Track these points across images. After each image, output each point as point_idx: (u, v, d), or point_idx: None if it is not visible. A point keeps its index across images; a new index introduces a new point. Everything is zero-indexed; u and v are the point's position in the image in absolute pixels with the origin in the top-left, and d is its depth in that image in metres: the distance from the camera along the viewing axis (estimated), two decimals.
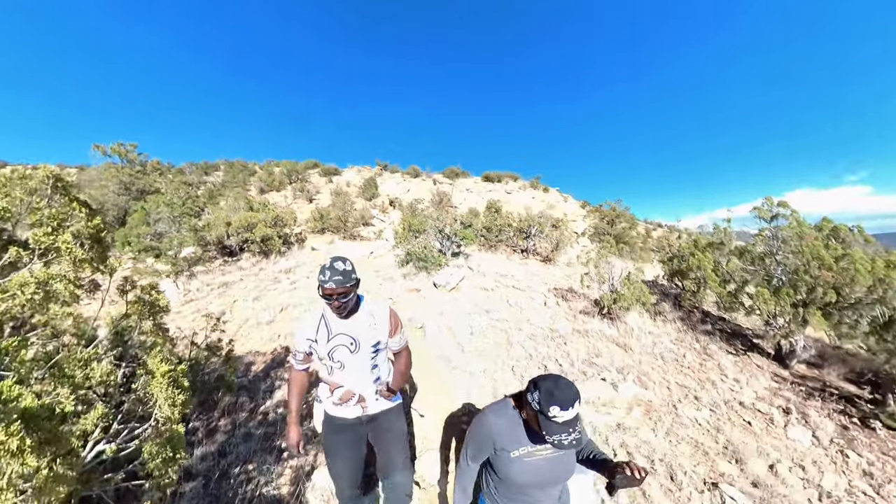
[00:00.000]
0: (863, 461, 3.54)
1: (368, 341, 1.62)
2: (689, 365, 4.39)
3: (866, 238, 4.75)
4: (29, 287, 1.08)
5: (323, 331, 1.60)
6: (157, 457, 1.20)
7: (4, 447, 0.71)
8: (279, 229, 10.15)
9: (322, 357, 1.61)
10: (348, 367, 1.61)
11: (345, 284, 1.49)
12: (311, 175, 22.81)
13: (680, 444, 3.07)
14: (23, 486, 0.76)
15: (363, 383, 1.65)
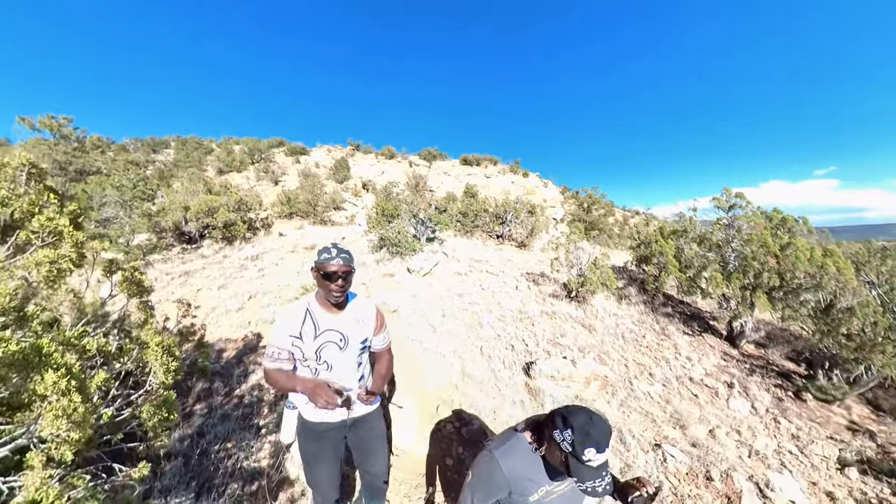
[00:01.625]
0: (792, 427, 4.16)
1: (357, 338, 1.58)
2: (647, 344, 4.88)
3: (810, 229, 5.38)
4: (44, 266, 1.18)
5: (309, 327, 1.50)
6: (155, 417, 1.36)
7: (57, 386, 0.88)
8: (243, 214, 9.93)
9: (307, 357, 1.50)
10: (336, 366, 1.54)
11: (350, 263, 1.48)
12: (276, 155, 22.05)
13: (632, 413, 3.50)
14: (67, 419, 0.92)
15: (349, 384, 1.60)
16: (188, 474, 2.33)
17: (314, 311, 1.53)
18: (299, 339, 1.48)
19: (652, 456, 2.99)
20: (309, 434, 1.63)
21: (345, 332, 1.55)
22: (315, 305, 1.54)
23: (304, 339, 1.48)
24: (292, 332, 1.48)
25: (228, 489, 2.30)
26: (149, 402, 1.43)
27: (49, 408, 0.90)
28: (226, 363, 3.74)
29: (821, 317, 4.88)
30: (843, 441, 4.06)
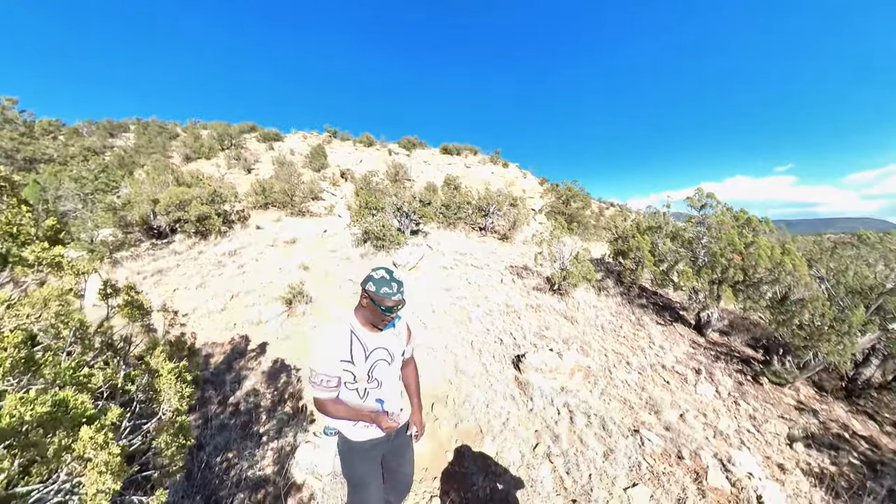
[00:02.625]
0: (750, 408, 4.62)
1: (399, 352, 1.59)
2: (624, 334, 5.23)
3: (771, 228, 5.86)
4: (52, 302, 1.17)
5: (358, 348, 1.45)
6: (171, 446, 1.38)
7: (94, 441, 0.92)
8: (217, 206, 9.54)
9: (359, 378, 1.47)
10: (385, 383, 1.54)
11: (405, 294, 1.45)
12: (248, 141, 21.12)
13: (612, 401, 3.79)
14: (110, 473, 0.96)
15: (396, 397, 1.63)
16: (192, 489, 2.36)
17: (358, 332, 1.47)
18: (350, 362, 1.44)
19: (631, 441, 3.28)
20: (357, 455, 1.59)
21: (390, 348, 1.54)
22: (358, 325, 1.49)
23: (356, 361, 1.44)
24: (343, 356, 1.43)
25: (235, 500, 2.35)
26: (165, 431, 1.45)
27: (91, 465, 0.93)
28: (215, 370, 3.71)
29: (777, 308, 5.38)
30: (791, 419, 4.56)
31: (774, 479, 3.66)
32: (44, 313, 1.18)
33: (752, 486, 3.29)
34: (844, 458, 4.14)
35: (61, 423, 0.94)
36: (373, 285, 1.40)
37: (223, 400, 3.20)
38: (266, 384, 3.45)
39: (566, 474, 2.78)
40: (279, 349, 4.13)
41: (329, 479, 2.43)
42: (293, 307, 4.94)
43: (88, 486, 0.93)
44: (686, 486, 3.16)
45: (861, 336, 4.88)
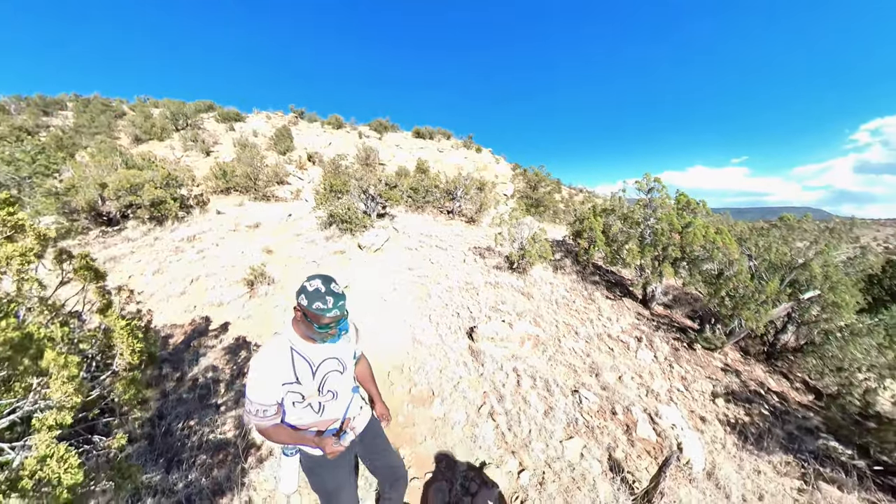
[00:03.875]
0: (682, 370, 5.19)
1: (349, 356, 1.51)
2: (576, 308, 5.66)
3: (708, 211, 6.43)
4: (15, 260, 1.24)
5: (303, 365, 1.34)
6: (128, 392, 1.51)
7: (56, 362, 1.05)
8: (173, 191, 9.16)
9: (308, 396, 1.37)
10: (340, 394, 1.47)
11: (345, 308, 1.31)
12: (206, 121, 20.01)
13: (558, 366, 4.18)
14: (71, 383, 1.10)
15: (354, 403, 1.56)
16: (154, 452, 2.49)
17: (300, 348, 1.35)
18: (296, 383, 1.32)
19: (571, 399, 3.67)
20: (324, 467, 1.52)
21: (340, 356, 1.45)
22: (298, 340, 1.35)
23: (302, 380, 1.33)
24: (285, 379, 1.31)
25: (198, 460, 2.50)
26: (120, 381, 1.58)
27: (55, 377, 1.08)
28: (174, 349, 3.76)
29: (710, 282, 5.98)
30: (717, 379, 5.18)
31: (696, 429, 4.20)
32: (8, 270, 1.27)
33: (674, 436, 3.78)
34: (756, 410, 4.78)
35: (29, 348, 1.07)
36: (305, 299, 1.25)
37: (181, 377, 3.29)
38: (225, 360, 3.56)
39: (508, 430, 3.11)
40: (240, 328, 4.21)
41: None
42: (255, 289, 4.98)
43: (53, 392, 1.07)
44: (617, 437, 3.59)
45: (776, 306, 5.55)
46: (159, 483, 2.29)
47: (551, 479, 2.88)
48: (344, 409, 1.51)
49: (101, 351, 1.60)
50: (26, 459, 1.00)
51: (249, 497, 2.28)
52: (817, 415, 4.95)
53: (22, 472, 0.95)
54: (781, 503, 3.56)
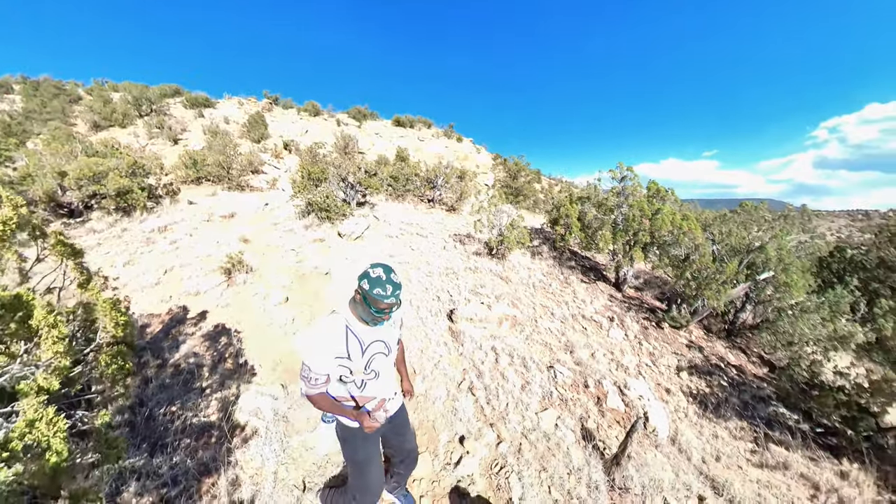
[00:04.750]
0: (650, 347, 5.53)
1: (394, 341, 1.61)
2: (552, 291, 5.90)
3: (676, 199, 6.79)
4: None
5: (354, 343, 1.45)
6: (112, 365, 1.54)
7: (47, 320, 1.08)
8: (140, 180, 8.78)
9: (355, 371, 1.48)
10: (382, 374, 1.57)
11: (400, 297, 1.42)
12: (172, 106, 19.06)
13: (534, 345, 4.39)
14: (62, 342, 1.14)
15: (391, 387, 1.66)
16: (137, 438, 2.50)
17: (354, 326, 1.46)
18: (346, 358, 1.44)
19: (546, 374, 3.89)
20: (358, 438, 1.64)
21: (387, 339, 1.55)
22: (353, 319, 1.47)
23: (353, 357, 1.45)
24: (338, 353, 1.42)
25: (182, 444, 2.54)
26: (104, 354, 1.61)
27: (45, 336, 1.11)
28: (152, 338, 3.71)
29: (677, 265, 6.36)
30: (681, 355, 5.55)
31: (661, 399, 4.53)
32: None
33: (641, 406, 4.08)
34: (716, 381, 5.18)
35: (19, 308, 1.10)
36: (367, 283, 1.36)
37: (163, 364, 3.27)
38: (206, 346, 3.55)
39: (486, 403, 3.29)
40: (220, 316, 4.18)
41: (272, 418, 2.70)
42: (233, 277, 4.93)
43: (45, 352, 1.12)
44: (589, 408, 3.85)
45: (735, 286, 5.97)
46: (143, 467, 2.32)
47: (528, 448, 3.08)
48: (383, 389, 1.60)
49: (82, 327, 1.61)
50: (15, 423, 1.04)
51: (236, 475, 2.35)
52: (770, 385, 5.41)
53: (11, 435, 0.99)
54: (736, 463, 3.91)
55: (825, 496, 3.63)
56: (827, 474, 3.85)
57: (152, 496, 2.16)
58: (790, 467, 3.93)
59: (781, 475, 3.86)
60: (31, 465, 1.00)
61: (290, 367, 3.43)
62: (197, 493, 2.20)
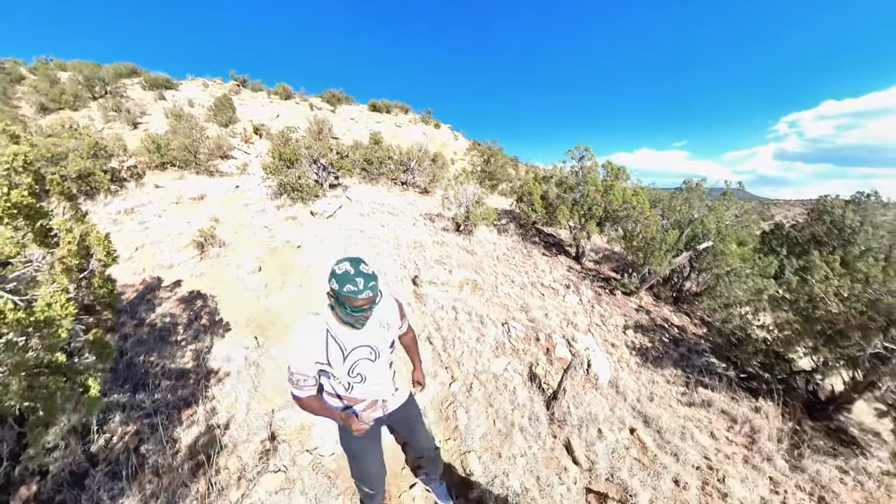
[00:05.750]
0: (602, 310, 6.13)
1: (385, 345, 1.52)
2: (515, 263, 6.41)
3: (627, 176, 7.38)
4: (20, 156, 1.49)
5: (335, 349, 1.39)
6: (103, 287, 1.83)
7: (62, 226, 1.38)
8: (102, 162, 8.63)
9: (339, 376, 1.44)
10: (370, 378, 1.51)
11: (377, 288, 1.31)
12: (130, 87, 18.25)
13: (493, 306, 4.87)
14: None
15: (384, 388, 1.60)
16: (119, 380, 2.79)
17: (335, 332, 1.40)
18: (326, 364, 1.40)
19: (501, 329, 4.37)
20: (349, 433, 1.63)
21: (373, 344, 1.47)
22: (335, 324, 1.40)
23: (333, 363, 1.40)
24: (317, 358, 1.38)
25: (162, 385, 2.84)
26: (97, 277, 1.90)
27: (63, 238, 1.41)
28: (129, 303, 3.92)
29: (627, 237, 6.99)
30: (630, 316, 6.19)
31: (606, 351, 5.12)
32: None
33: (585, 355, 4.63)
34: (658, 337, 5.84)
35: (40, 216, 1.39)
36: (335, 282, 1.26)
37: (139, 323, 3.52)
38: (182, 308, 3.81)
39: (443, 350, 3.73)
40: (194, 284, 4.42)
41: (244, 364, 3.03)
42: (206, 251, 5.13)
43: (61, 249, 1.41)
44: (538, 357, 4.36)
45: (679, 255, 6.65)
46: (127, 402, 2.63)
47: (477, 387, 3.55)
48: (373, 391, 1.55)
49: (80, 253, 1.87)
50: (37, 301, 1.33)
51: (213, 406, 2.69)
52: (705, 340, 6.14)
53: (34, 310, 1.28)
54: (668, 403, 4.54)
55: (740, 426, 4.30)
56: (743, 409, 4.52)
57: (137, 424, 2.48)
58: (713, 405, 4.59)
59: (705, 411, 4.52)
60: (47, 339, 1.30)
61: (262, 324, 3.74)
62: (178, 420, 2.53)
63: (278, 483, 2.16)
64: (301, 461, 2.33)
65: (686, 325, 6.74)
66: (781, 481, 3.51)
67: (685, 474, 3.35)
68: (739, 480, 3.41)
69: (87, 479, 2.09)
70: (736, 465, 3.66)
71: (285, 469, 2.27)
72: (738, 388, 4.87)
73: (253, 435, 2.44)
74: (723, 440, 4.07)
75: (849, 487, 3.63)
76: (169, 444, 2.33)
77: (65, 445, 2.27)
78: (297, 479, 2.21)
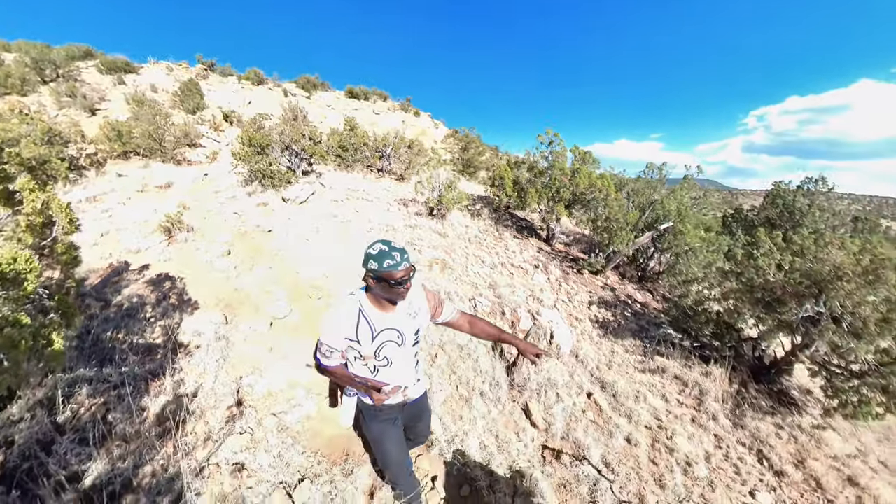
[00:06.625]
0: (568, 287, 6.45)
1: (411, 332, 1.57)
2: (486, 245, 6.64)
3: (594, 160, 7.69)
4: None
5: (365, 328, 1.46)
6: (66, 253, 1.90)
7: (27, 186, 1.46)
8: (59, 149, 8.28)
9: (366, 356, 1.51)
10: (395, 362, 1.57)
11: (411, 260, 1.41)
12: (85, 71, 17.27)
13: (463, 284, 5.08)
14: None
15: (408, 374, 1.65)
16: (84, 354, 2.84)
17: (367, 312, 1.47)
18: (356, 341, 1.47)
19: (468, 304, 4.59)
20: (375, 417, 1.71)
21: (401, 328, 1.53)
22: (367, 305, 1.48)
23: (362, 341, 1.47)
24: (347, 335, 1.46)
25: (130, 359, 2.91)
26: (60, 244, 1.96)
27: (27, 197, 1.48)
28: (94, 287, 3.92)
29: (594, 218, 7.32)
30: (595, 293, 6.53)
31: (570, 325, 5.43)
32: None
33: (549, 327, 4.91)
34: (620, 312, 6.21)
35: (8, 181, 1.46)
36: (374, 262, 1.36)
37: (106, 304, 3.54)
38: (150, 290, 3.84)
39: None
40: (162, 268, 4.43)
41: (213, 337, 3.13)
42: (174, 236, 5.11)
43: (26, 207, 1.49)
44: (503, 328, 4.61)
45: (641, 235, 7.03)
46: (94, 376, 2.70)
47: (442, 356, 3.76)
48: (398, 377, 1.61)
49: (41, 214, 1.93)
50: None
51: (181, 378, 2.79)
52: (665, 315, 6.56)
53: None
54: (625, 370, 4.88)
55: (690, 389, 4.68)
56: (695, 375, 4.90)
57: (105, 397, 2.56)
58: (667, 371, 4.96)
59: (660, 377, 4.88)
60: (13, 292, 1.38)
61: (230, 303, 3.82)
62: (146, 390, 2.63)
63: (244, 443, 2.31)
64: (267, 423, 2.48)
65: (648, 302, 7.16)
66: (724, 437, 3.89)
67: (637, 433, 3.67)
68: (687, 437, 3.77)
69: (55, 446, 2.18)
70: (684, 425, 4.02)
71: (251, 431, 2.42)
72: (691, 356, 5.28)
73: (220, 401, 2.57)
74: (674, 402, 4.45)
75: (784, 441, 4.05)
76: (137, 412, 2.43)
77: (31, 417, 2.35)
78: (262, 439, 2.36)
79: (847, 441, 4.05)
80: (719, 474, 3.24)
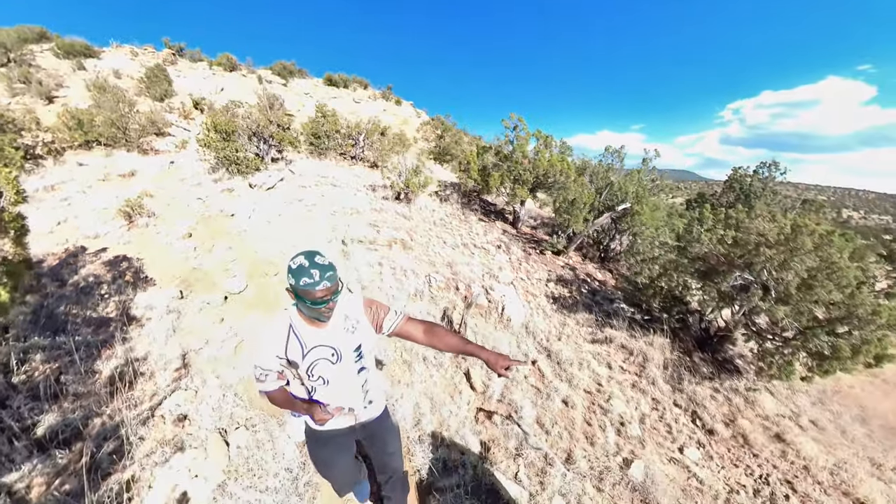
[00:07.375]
0: (528, 266, 6.79)
1: (349, 348, 1.47)
2: (451, 227, 6.92)
3: (558, 145, 8.01)
4: None
5: (295, 346, 1.39)
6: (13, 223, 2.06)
7: None
8: (12, 137, 8.10)
9: (299, 375, 1.44)
10: (332, 381, 1.47)
11: (336, 278, 1.28)
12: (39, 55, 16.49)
13: (420, 263, 5.35)
14: None
15: (352, 394, 1.55)
16: (38, 325, 3.00)
17: (298, 328, 1.39)
18: (285, 359, 1.41)
19: (422, 280, 4.87)
20: (317, 441, 1.65)
21: (336, 345, 1.43)
22: (298, 320, 1.40)
23: (291, 359, 1.40)
24: (278, 353, 1.39)
25: (83, 331, 3.09)
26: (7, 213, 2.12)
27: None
28: (51, 269, 4.03)
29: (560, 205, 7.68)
30: (554, 272, 6.90)
31: (525, 300, 5.77)
32: None
33: (500, 301, 5.23)
34: (576, 288, 6.59)
35: None
36: (291, 278, 1.23)
37: (62, 284, 3.67)
38: (107, 270, 3.98)
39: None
40: (121, 250, 4.55)
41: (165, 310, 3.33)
42: (134, 220, 5.20)
43: None
44: (456, 303, 4.90)
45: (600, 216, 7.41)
46: (48, 344, 2.88)
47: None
48: (338, 398, 1.52)
49: None
50: None
51: (132, 346, 3.00)
52: (619, 290, 6.98)
53: None
54: (574, 341, 5.24)
55: (634, 357, 5.08)
56: (640, 344, 5.29)
57: (58, 362, 2.75)
58: (614, 341, 5.34)
59: (607, 347, 5.27)
60: None
61: (188, 280, 4.00)
62: (98, 356, 2.83)
63: (188, 397, 2.55)
64: (211, 382, 2.72)
65: (607, 280, 7.58)
66: (662, 400, 4.27)
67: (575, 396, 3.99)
68: (625, 401, 4.10)
69: (9, 402, 2.38)
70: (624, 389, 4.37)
71: (196, 389, 2.66)
72: (640, 328, 5.68)
73: (169, 364, 2.79)
74: (617, 370, 4.83)
75: (718, 403, 4.47)
76: (89, 374, 2.64)
77: None
78: (204, 396, 2.60)
79: (783, 403, 4.47)
80: (652, 434, 3.50)
